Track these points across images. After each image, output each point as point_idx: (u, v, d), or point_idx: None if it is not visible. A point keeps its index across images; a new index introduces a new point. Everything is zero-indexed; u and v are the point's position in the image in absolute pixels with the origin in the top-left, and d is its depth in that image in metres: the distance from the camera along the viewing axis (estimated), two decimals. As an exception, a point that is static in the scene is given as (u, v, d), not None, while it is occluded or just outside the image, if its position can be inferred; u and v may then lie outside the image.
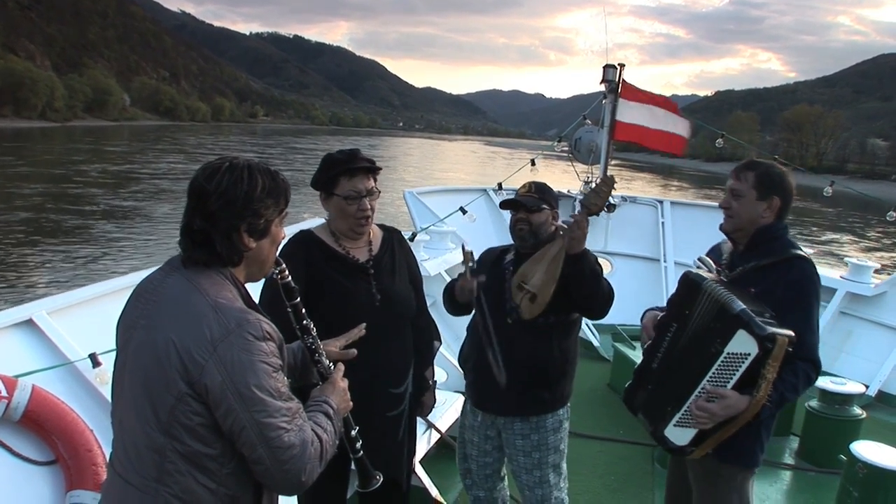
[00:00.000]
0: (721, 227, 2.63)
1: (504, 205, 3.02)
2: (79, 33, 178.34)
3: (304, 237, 2.67)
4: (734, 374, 2.29)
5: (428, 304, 3.01)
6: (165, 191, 28.32)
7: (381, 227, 2.83)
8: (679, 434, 2.45)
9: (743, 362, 2.27)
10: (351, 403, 1.87)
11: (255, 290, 1.80)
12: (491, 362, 2.86)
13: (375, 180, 2.63)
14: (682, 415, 2.43)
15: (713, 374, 2.34)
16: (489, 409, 2.98)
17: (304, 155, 54.95)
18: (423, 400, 2.89)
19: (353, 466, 2.09)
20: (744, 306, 2.27)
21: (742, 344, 2.26)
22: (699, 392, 2.36)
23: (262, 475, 1.57)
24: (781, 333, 2.21)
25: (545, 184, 3.06)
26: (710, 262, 2.70)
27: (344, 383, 1.86)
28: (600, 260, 3.06)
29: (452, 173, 51.70)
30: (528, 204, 2.89)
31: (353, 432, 1.96)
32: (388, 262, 2.70)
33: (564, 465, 3.03)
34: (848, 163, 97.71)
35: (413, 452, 2.91)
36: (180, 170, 36.41)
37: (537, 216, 2.87)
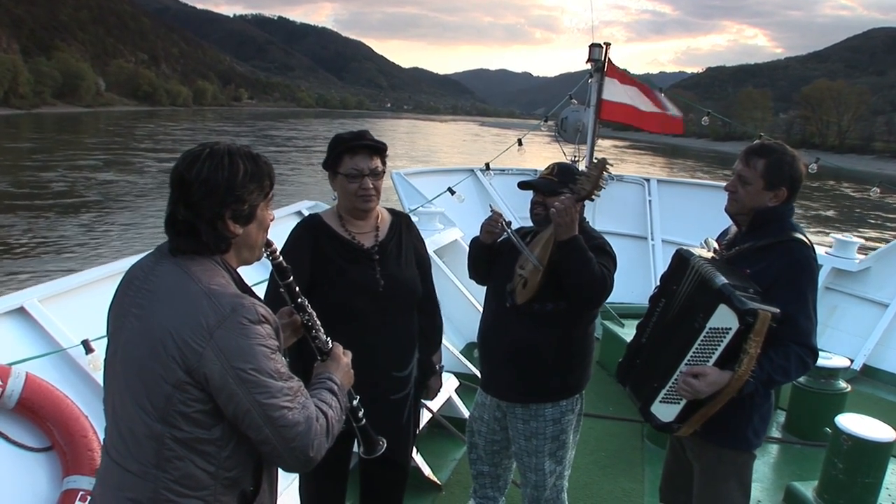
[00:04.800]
0: (725, 209, 2.60)
1: (522, 185, 2.97)
2: (50, 15, 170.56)
3: (312, 222, 2.69)
4: (716, 349, 2.30)
5: None
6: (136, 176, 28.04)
7: (391, 211, 2.83)
8: (665, 410, 2.48)
9: (724, 337, 2.27)
10: (353, 375, 1.88)
11: (247, 273, 1.80)
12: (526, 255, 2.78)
13: (383, 162, 2.63)
14: (668, 391, 2.45)
15: (696, 349, 2.35)
16: (494, 393, 2.98)
17: (278, 146, 50.39)
18: (428, 383, 2.90)
19: (355, 449, 2.12)
20: (726, 281, 2.27)
21: (723, 319, 2.26)
22: (683, 367, 2.38)
23: (270, 455, 1.58)
24: (764, 308, 2.21)
25: (571, 165, 3.01)
26: (714, 242, 2.72)
27: (346, 358, 1.87)
28: None
29: (449, 156, 49.94)
30: (543, 187, 2.86)
31: (355, 401, 1.98)
32: (394, 248, 2.70)
33: (567, 455, 2.97)
34: (874, 141, 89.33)
35: (415, 435, 2.92)
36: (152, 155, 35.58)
37: (554, 199, 2.73)
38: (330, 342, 1.88)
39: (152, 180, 27.34)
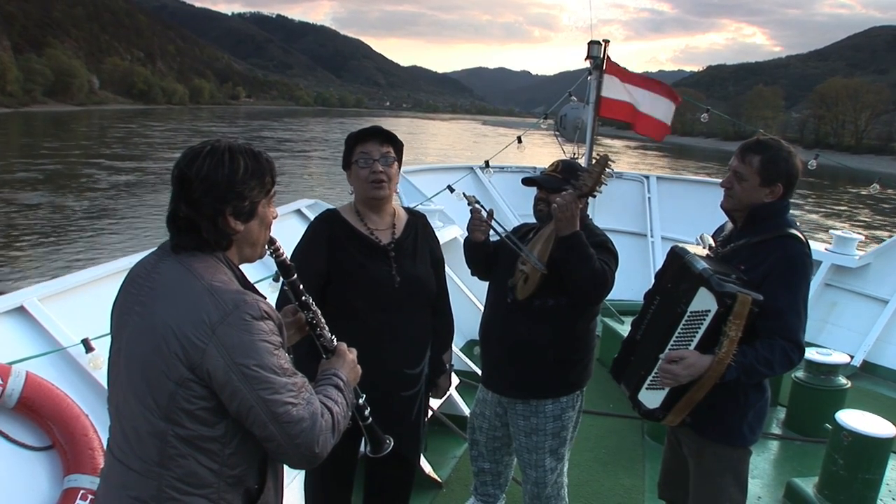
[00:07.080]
0: (721, 205, 2.60)
1: (526, 182, 3.00)
2: (43, 11, 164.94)
3: (329, 216, 2.72)
4: (697, 332, 2.32)
5: None
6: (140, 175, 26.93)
7: (407, 210, 2.85)
8: (651, 397, 2.50)
9: (704, 319, 2.29)
10: (360, 371, 1.88)
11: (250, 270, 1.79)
12: (527, 260, 2.78)
13: (398, 153, 2.66)
14: (653, 377, 2.48)
15: (678, 334, 2.38)
16: (494, 389, 3.00)
17: (270, 149, 38.17)
18: (438, 382, 2.90)
19: (363, 449, 2.12)
20: (706, 266, 2.31)
21: (703, 302, 2.29)
22: (666, 352, 2.40)
23: (275, 452, 1.57)
24: (743, 292, 2.23)
25: (575, 162, 3.03)
26: (709, 238, 2.73)
27: (352, 354, 1.87)
28: None
29: (463, 160, 47.95)
30: (546, 184, 2.88)
31: (361, 400, 1.97)
32: (409, 246, 2.72)
33: (567, 451, 2.98)
34: (893, 142, 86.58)
35: (425, 433, 2.92)
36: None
37: (557, 196, 2.72)
38: (335, 340, 1.88)
39: (89, 204, 21.35)
